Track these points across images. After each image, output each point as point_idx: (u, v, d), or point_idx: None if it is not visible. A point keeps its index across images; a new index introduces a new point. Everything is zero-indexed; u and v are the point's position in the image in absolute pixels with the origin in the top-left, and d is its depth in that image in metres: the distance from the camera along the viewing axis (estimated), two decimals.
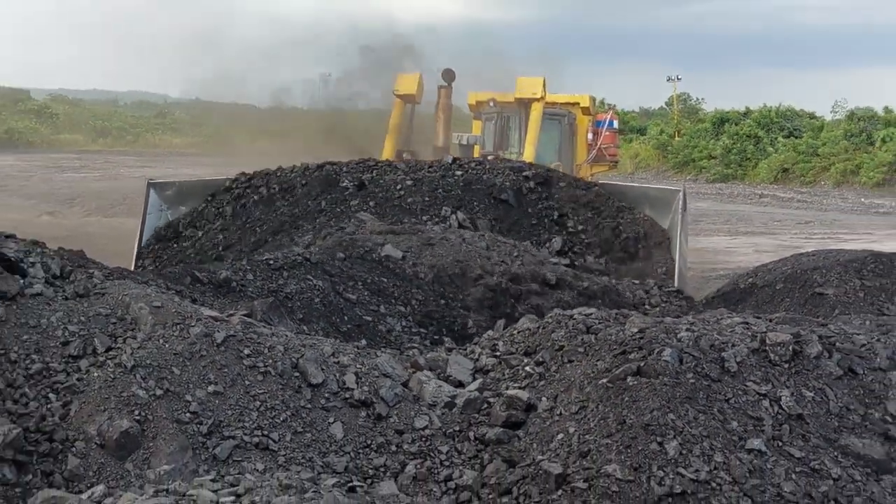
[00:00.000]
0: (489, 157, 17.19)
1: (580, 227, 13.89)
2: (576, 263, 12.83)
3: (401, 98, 21.94)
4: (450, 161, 15.29)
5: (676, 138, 64.60)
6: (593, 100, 24.28)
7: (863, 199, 43.46)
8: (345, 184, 14.60)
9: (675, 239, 13.43)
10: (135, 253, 14.65)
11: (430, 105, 22.15)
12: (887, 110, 56.96)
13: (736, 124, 61.10)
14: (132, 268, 13.22)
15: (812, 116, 62.21)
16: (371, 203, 14.03)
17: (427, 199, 14.09)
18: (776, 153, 56.49)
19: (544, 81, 21.86)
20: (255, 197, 15.04)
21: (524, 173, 14.55)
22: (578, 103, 23.08)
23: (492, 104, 22.54)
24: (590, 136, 23.33)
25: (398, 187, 14.42)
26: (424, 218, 13.53)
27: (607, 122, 24.38)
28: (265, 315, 7.90)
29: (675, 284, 12.60)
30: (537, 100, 21.45)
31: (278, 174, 15.32)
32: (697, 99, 77.06)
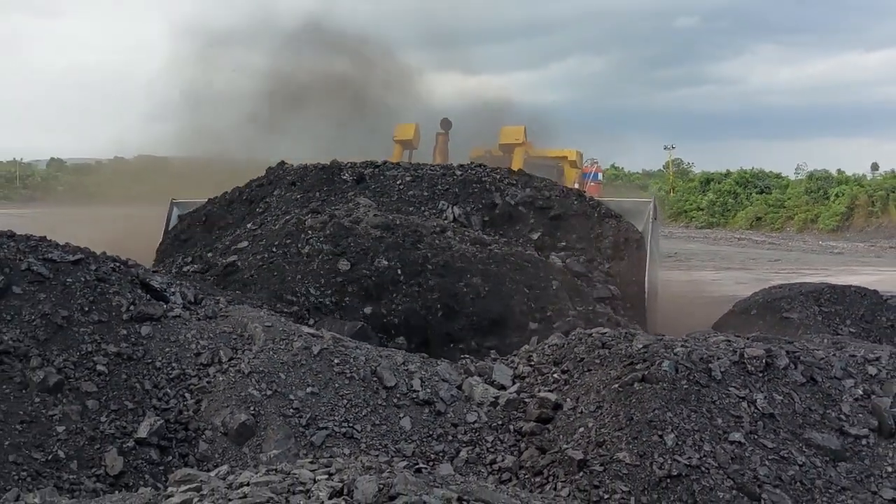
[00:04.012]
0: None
1: (567, 231, 11.85)
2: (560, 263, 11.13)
3: (399, 143, 20.97)
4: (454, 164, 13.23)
5: (671, 194, 64.15)
6: (580, 154, 23.23)
7: (820, 242, 42.89)
8: (344, 177, 12.41)
9: (647, 244, 11.99)
10: (154, 259, 12.33)
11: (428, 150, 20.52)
12: (839, 172, 56.52)
13: (719, 183, 60.66)
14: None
15: (779, 177, 61.55)
16: (369, 195, 11.82)
17: (426, 193, 12.01)
18: (751, 205, 56.10)
19: (525, 129, 21.00)
20: (250, 194, 12.63)
21: (520, 181, 12.40)
22: (566, 157, 21.98)
23: (488, 156, 21.77)
24: (576, 186, 22.58)
25: (398, 182, 12.27)
26: (423, 209, 11.68)
27: (592, 175, 23.62)
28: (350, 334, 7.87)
29: (646, 299, 11.35)
30: (519, 144, 20.51)
31: (279, 173, 12.88)
32: (688, 163, 76.38)
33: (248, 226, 11.18)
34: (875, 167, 59.78)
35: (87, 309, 6.29)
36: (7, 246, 6.50)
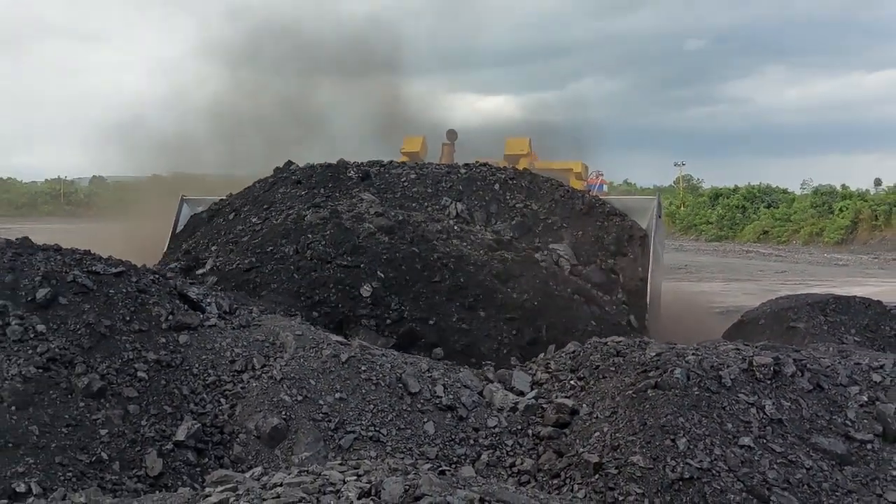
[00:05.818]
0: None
1: (570, 229, 11.15)
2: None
3: (406, 155, 20.70)
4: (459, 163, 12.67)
5: (682, 208, 64.00)
6: (585, 167, 22.90)
7: (825, 255, 42.62)
8: (350, 174, 11.79)
9: (651, 241, 11.35)
10: (161, 256, 11.61)
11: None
12: (844, 187, 56.25)
13: (727, 198, 60.46)
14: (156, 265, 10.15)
15: (785, 192, 61.35)
16: (373, 192, 11.22)
17: (430, 190, 11.50)
18: (759, 219, 55.86)
19: (530, 141, 20.75)
20: (257, 194, 11.91)
21: (525, 181, 11.82)
22: (572, 169, 21.51)
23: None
24: None
25: (402, 179, 11.74)
26: (426, 205, 11.19)
27: (598, 186, 23.40)
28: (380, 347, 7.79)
29: (648, 294, 10.81)
30: (524, 155, 20.23)
31: (285, 173, 12.18)
32: (698, 179, 76.40)
33: (253, 220, 10.86)
34: (878, 182, 59.51)
35: (128, 319, 6.39)
36: (54, 259, 6.62)
